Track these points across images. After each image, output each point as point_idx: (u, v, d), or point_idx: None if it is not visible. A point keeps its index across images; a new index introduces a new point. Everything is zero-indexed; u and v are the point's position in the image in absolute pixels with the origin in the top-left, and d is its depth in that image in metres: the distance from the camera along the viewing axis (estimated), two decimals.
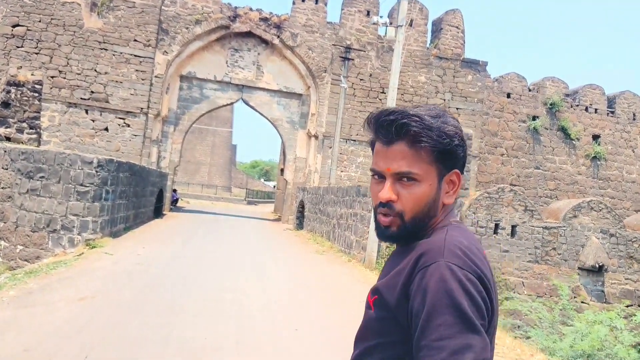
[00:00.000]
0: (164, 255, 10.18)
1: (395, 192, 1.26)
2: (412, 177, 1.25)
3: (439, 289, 1.11)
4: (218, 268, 9.33)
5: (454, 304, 1.10)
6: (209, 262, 9.83)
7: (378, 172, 1.31)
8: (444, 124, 1.27)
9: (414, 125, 1.24)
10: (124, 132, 20.61)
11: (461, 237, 1.25)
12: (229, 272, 9.04)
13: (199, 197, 48.01)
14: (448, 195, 1.32)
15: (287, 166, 23.47)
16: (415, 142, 1.25)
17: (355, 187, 13.30)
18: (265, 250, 12.95)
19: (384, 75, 22.93)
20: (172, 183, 22.98)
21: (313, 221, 18.17)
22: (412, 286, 1.19)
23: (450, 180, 1.31)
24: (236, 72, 22.52)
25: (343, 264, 11.86)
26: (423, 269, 1.17)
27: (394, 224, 1.28)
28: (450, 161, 1.29)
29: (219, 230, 16.99)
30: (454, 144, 1.28)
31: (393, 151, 1.26)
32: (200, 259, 10.15)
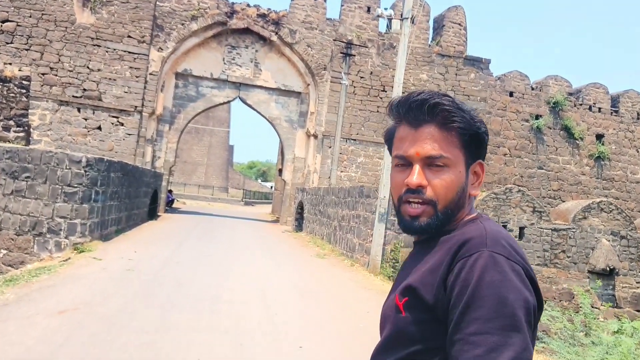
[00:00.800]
0: (156, 260, 9.58)
1: (425, 177, 1.16)
2: (442, 162, 1.16)
3: (481, 279, 1.02)
4: (214, 274, 8.73)
5: (497, 296, 1.00)
6: (204, 268, 9.23)
7: (404, 157, 1.20)
8: (471, 109, 1.22)
9: (447, 104, 1.17)
10: (118, 131, 19.98)
11: (498, 228, 1.17)
12: (226, 279, 8.44)
13: (196, 197, 47.56)
14: (473, 187, 1.24)
15: (286, 166, 22.87)
16: (447, 122, 1.17)
17: (358, 188, 12.72)
18: (264, 253, 12.36)
19: (385, 73, 22.38)
20: (167, 184, 22.37)
21: (313, 223, 17.58)
22: (449, 277, 1.09)
23: (475, 172, 1.23)
24: (233, 69, 21.92)
25: (346, 269, 11.27)
26: (464, 259, 1.07)
27: (426, 213, 1.18)
28: (477, 149, 1.22)
29: (215, 232, 16.38)
30: (482, 130, 1.21)
31: (422, 133, 1.18)
32: (195, 264, 9.54)
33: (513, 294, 1.01)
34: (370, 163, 22.26)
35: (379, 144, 22.31)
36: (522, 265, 1.07)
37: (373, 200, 11.81)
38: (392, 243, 11.58)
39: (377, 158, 22.32)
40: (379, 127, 22.29)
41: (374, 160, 22.29)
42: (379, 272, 11.07)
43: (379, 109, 22.32)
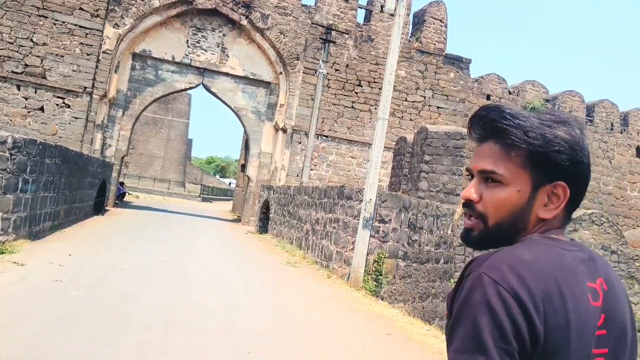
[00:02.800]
0: (95, 267, 7.76)
1: (479, 192, 1.15)
2: (496, 177, 1.12)
3: (465, 299, 1.03)
4: (166, 287, 7.00)
5: (471, 317, 1.01)
6: (154, 278, 7.48)
7: (468, 170, 1.22)
8: (548, 128, 1.11)
9: (504, 122, 1.12)
10: (63, 113, 17.78)
11: (528, 251, 1.07)
12: (182, 294, 6.74)
13: (151, 191, 45.32)
14: (546, 209, 1.13)
15: (250, 162, 21.13)
16: (503, 140, 1.12)
17: (337, 188, 11.19)
18: (228, 259, 10.66)
19: (362, 67, 20.97)
20: (118, 175, 20.26)
21: (280, 225, 15.94)
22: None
23: (553, 192, 1.12)
24: (197, 53, 20.02)
25: (322, 281, 9.71)
26: (465, 278, 1.07)
27: (476, 227, 1.16)
28: (549, 169, 1.11)
29: (170, 231, 14.53)
30: (553, 149, 1.09)
31: (482, 149, 1.17)
32: (144, 272, 7.78)
33: (485, 317, 1.00)
34: (342, 162, 20.78)
35: (352, 142, 20.88)
36: (511, 291, 1.01)
37: (355, 203, 10.31)
38: (376, 253, 10.11)
39: (349, 157, 20.88)
40: (352, 124, 20.86)
41: (346, 159, 20.84)
42: (361, 287, 9.57)
43: (353, 104, 20.89)
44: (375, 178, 9.73)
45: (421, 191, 14.32)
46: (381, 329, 6.54)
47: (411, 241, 10.90)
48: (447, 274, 12.63)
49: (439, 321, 12.07)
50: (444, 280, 12.44)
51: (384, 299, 10.05)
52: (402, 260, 10.69)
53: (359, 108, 20.96)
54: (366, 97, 21.01)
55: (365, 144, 20.98)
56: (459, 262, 13.36)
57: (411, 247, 10.92)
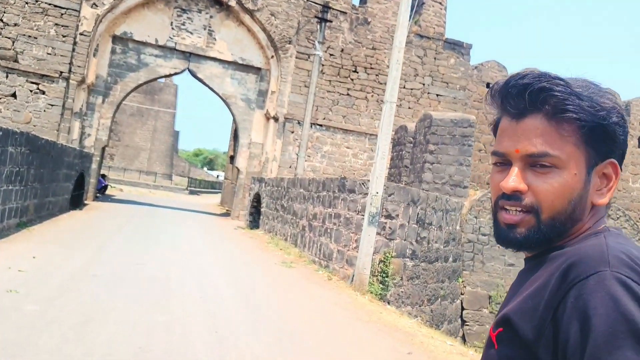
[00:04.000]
0: (63, 272, 6.63)
1: (525, 180, 0.94)
2: (549, 161, 0.92)
3: (610, 310, 0.78)
4: (143, 298, 5.89)
5: (635, 331, 0.77)
6: (130, 286, 6.37)
7: (502, 155, 0.98)
8: (596, 93, 0.94)
9: (557, 90, 0.92)
10: (37, 100, 16.47)
11: (628, 245, 0.90)
12: (160, 308, 5.64)
13: (137, 184, 44.16)
14: (600, 193, 0.97)
15: (240, 152, 19.96)
16: (557, 113, 0.92)
17: (338, 180, 10.12)
18: (216, 260, 9.55)
19: (358, 52, 19.86)
20: (99, 167, 19.00)
21: (272, 220, 14.85)
22: (560, 308, 0.84)
23: (604, 174, 0.96)
24: (183, 36, 18.76)
25: (323, 284, 8.65)
26: (579, 283, 0.83)
27: (524, 223, 0.94)
28: (605, 145, 0.95)
29: (153, 227, 13.38)
30: (612, 120, 0.93)
31: (525, 126, 0.95)
32: (118, 279, 6.66)
33: None
34: (337, 152, 19.70)
35: (348, 131, 19.80)
36: None
37: (359, 197, 9.25)
38: (382, 252, 9.08)
39: (345, 147, 19.80)
40: (348, 112, 19.76)
41: (341, 149, 19.76)
42: (366, 290, 8.53)
43: (349, 91, 19.79)
44: (382, 169, 8.67)
45: (425, 183, 13.30)
46: (400, 347, 5.51)
47: (420, 238, 9.89)
48: (455, 273, 11.65)
49: (448, 325, 11.09)
50: (453, 280, 11.46)
51: (390, 302, 9.03)
52: (409, 260, 9.67)
53: (355, 95, 19.87)
54: (362, 84, 19.92)
55: (361, 133, 19.92)
56: (467, 260, 12.38)
57: (419, 245, 9.90)
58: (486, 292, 12.28)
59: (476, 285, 12.26)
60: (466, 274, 12.19)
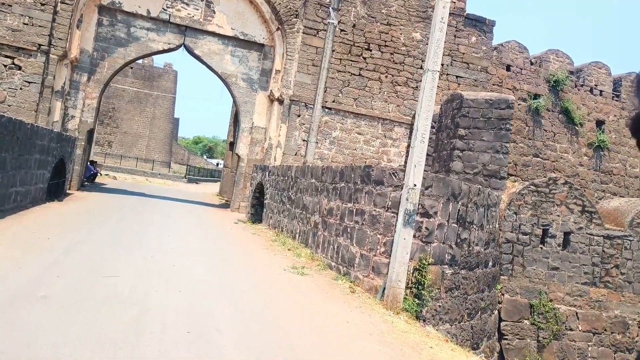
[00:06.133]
0: (6, 286, 4.85)
1: None
2: None
3: None
4: (103, 335, 4.12)
5: None
6: (88, 314, 4.60)
7: None
8: None
9: None
10: (13, 77, 14.62)
11: None
12: (127, 354, 3.87)
13: (134, 172, 42.61)
14: None
15: (241, 137, 18.13)
16: None
17: (361, 169, 8.32)
18: (212, 266, 7.77)
19: (371, 27, 17.96)
20: (85, 152, 17.18)
21: (278, 214, 13.08)
22: None
23: None
24: (178, 7, 16.86)
25: (346, 300, 6.89)
26: None
27: None
28: None
29: (139, 222, 11.61)
30: None
31: None
32: (75, 301, 4.90)
33: None
34: (347, 139, 17.87)
35: (359, 115, 17.96)
36: None
37: (388, 190, 7.46)
38: (417, 258, 7.32)
39: (355, 133, 17.97)
40: (360, 94, 17.92)
41: (352, 135, 17.93)
42: (401, 309, 6.78)
43: (361, 71, 17.92)
44: (421, 155, 6.87)
45: (454, 174, 11.51)
46: None
47: (460, 240, 8.12)
48: (494, 280, 9.89)
49: (487, 341, 9.35)
50: (492, 287, 9.70)
51: (426, 320, 7.29)
52: (448, 267, 7.92)
53: (367, 76, 18.01)
54: (376, 64, 18.05)
55: (374, 118, 18.09)
56: (505, 263, 10.62)
57: (459, 249, 8.14)
58: (527, 301, 10.55)
59: (515, 292, 10.52)
60: (504, 280, 10.45)
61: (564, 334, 10.42)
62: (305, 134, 17.21)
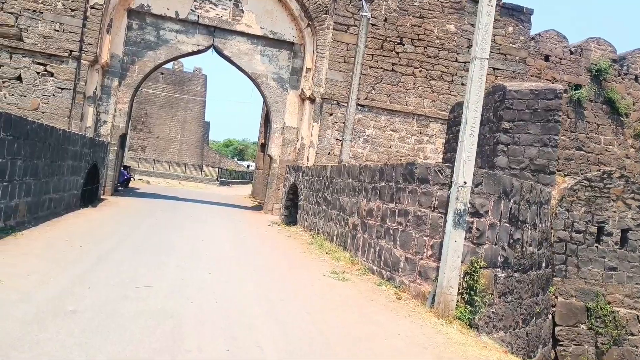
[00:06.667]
0: (27, 306, 4.57)
1: None
2: None
3: None
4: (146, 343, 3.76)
5: None
6: (119, 331, 4.25)
7: None
8: None
9: None
10: (46, 83, 14.62)
11: None
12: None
13: (167, 175, 43.03)
14: None
15: (272, 138, 17.80)
16: None
17: (404, 167, 7.82)
18: (249, 273, 7.39)
19: (403, 21, 17.39)
20: (118, 157, 17.12)
21: (313, 215, 12.67)
22: None
23: None
24: (206, 8, 16.64)
25: (391, 306, 6.41)
26: None
27: None
28: None
29: (173, 227, 11.35)
30: None
31: None
32: (106, 316, 4.57)
33: None
34: (381, 136, 17.35)
35: (393, 112, 17.42)
36: None
37: (434, 189, 6.95)
38: (468, 261, 6.78)
39: (390, 130, 17.43)
40: (393, 90, 17.37)
41: (386, 132, 17.39)
42: (453, 317, 6.26)
43: (394, 67, 17.37)
44: (471, 150, 6.35)
45: (498, 169, 10.88)
46: None
47: (512, 241, 7.54)
48: (548, 283, 9.24)
49: (542, 348, 8.72)
50: (546, 290, 9.06)
51: (480, 328, 6.75)
52: (501, 270, 7.34)
53: (400, 71, 17.45)
54: (409, 58, 17.47)
55: (408, 114, 17.51)
56: (557, 264, 9.94)
57: (512, 250, 7.56)
58: (583, 304, 9.86)
59: (570, 295, 9.84)
60: (557, 282, 9.78)
61: (624, 339, 9.70)
62: (338, 133, 16.76)
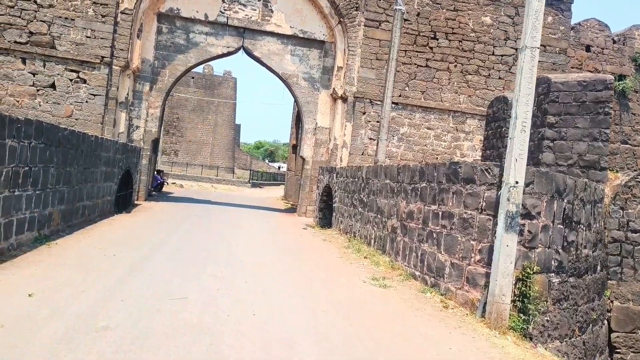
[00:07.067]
0: (56, 323, 4.35)
1: None
2: None
3: None
4: None
5: None
6: (153, 351, 3.98)
7: None
8: None
9: None
10: (78, 90, 14.67)
11: None
12: None
13: (199, 179, 43.33)
14: None
15: (304, 139, 17.51)
16: None
17: (447, 166, 7.38)
18: (286, 282, 7.08)
19: (437, 15, 16.85)
20: (151, 162, 17.10)
21: (349, 218, 12.30)
22: None
23: None
24: (235, 9, 16.46)
25: (439, 315, 5.99)
26: None
27: None
28: None
29: (207, 232, 11.15)
30: None
31: None
32: (139, 333, 4.32)
33: None
34: (416, 134, 16.85)
35: (428, 109, 16.90)
36: None
37: (481, 189, 6.49)
38: (521, 266, 6.30)
39: (425, 128, 16.92)
40: (428, 86, 16.85)
41: (421, 130, 16.89)
42: (507, 327, 5.81)
43: (428, 62, 16.86)
44: (523, 147, 5.88)
45: (544, 166, 10.30)
46: None
47: (567, 244, 7.01)
48: (604, 286, 8.64)
49: (599, 357, 8.14)
50: (602, 295, 8.47)
51: (534, 338, 6.26)
52: (555, 275, 6.83)
53: (434, 67, 16.92)
54: (443, 53, 16.92)
55: (444, 110, 16.96)
56: (612, 266, 9.31)
57: (567, 253, 7.03)
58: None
59: (627, 299, 9.21)
60: (612, 285, 9.16)
61: None
62: (372, 132, 16.35)
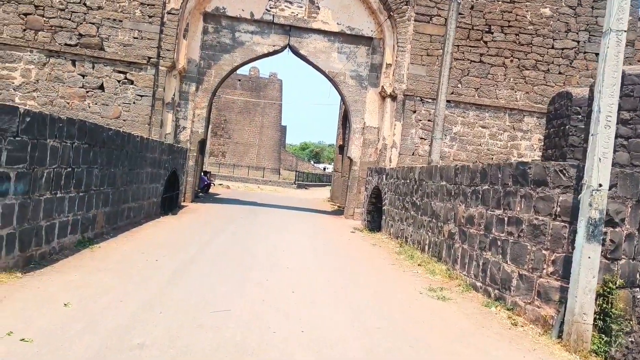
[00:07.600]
0: (90, 338, 4.00)
1: None
2: None
3: None
4: None
5: None
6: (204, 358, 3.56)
7: None
8: None
9: None
10: (126, 91, 14.66)
11: None
12: None
13: (246, 180, 43.60)
14: None
15: (352, 139, 16.97)
16: None
17: (513, 167, 6.68)
18: (335, 287, 6.57)
19: (492, 7, 15.97)
20: (198, 163, 16.97)
21: (399, 221, 11.68)
22: None
23: None
24: (281, 7, 16.11)
25: (508, 335, 5.34)
26: None
27: None
28: None
29: (252, 236, 10.78)
30: None
31: None
32: (178, 353, 3.90)
33: None
34: (470, 134, 16.02)
35: (482, 106, 16.04)
36: None
37: (555, 192, 5.78)
38: (601, 280, 5.56)
39: (479, 127, 16.07)
40: (482, 83, 16.00)
41: (475, 129, 16.05)
42: (589, 351, 5.10)
43: (482, 57, 16.00)
44: (608, 144, 5.16)
45: (617, 166, 9.36)
46: None
47: None
48: None
49: None
50: None
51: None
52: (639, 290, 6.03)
53: (489, 62, 16.04)
54: (499, 47, 16.02)
55: (499, 108, 16.06)
56: None
57: None
58: None
59: None
60: None
61: None
62: (422, 132, 15.65)
